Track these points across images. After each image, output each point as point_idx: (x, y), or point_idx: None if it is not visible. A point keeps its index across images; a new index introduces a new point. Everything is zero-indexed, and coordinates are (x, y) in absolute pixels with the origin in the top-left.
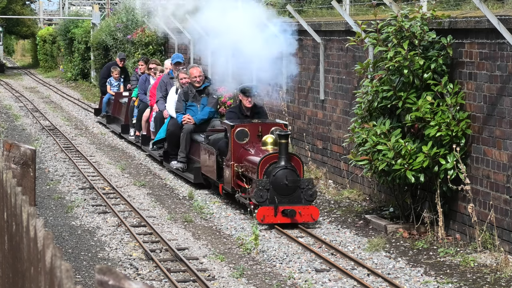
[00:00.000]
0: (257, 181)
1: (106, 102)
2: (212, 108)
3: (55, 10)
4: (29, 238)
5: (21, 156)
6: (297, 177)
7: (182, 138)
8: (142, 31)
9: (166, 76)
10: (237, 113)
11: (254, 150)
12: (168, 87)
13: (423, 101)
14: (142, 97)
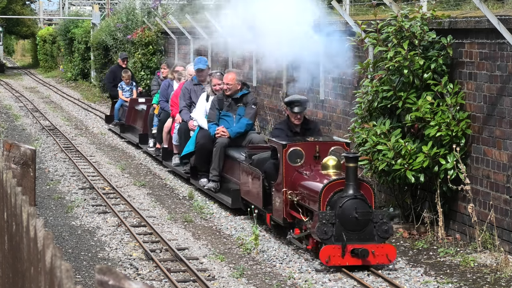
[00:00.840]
0: (320, 214)
1: (118, 109)
2: (250, 120)
3: (55, 10)
4: (29, 238)
5: (21, 156)
6: (369, 208)
7: (215, 153)
8: (142, 31)
9: (189, 83)
10: (285, 129)
11: (312, 175)
12: (192, 95)
13: (423, 101)
14: (164, 105)
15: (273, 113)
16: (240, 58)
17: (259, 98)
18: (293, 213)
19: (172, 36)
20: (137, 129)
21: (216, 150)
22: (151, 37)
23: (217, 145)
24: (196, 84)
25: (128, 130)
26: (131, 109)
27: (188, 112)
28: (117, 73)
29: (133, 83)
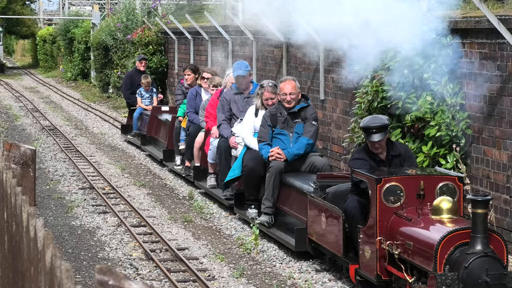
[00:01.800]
0: (438, 276)
1: (137, 118)
2: (311, 139)
3: (55, 10)
4: (29, 238)
5: (21, 156)
6: (503, 269)
7: (268, 180)
8: (142, 31)
9: (229, 92)
10: (367, 159)
11: (419, 221)
12: (232, 106)
13: (423, 101)
14: (193, 117)
15: None
16: (240, 58)
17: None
18: (392, 269)
19: (172, 36)
20: (160, 141)
21: (270, 176)
22: (151, 37)
23: (271, 170)
24: (237, 93)
25: (150, 142)
26: (153, 119)
27: (228, 126)
28: (135, 78)
29: (153, 89)
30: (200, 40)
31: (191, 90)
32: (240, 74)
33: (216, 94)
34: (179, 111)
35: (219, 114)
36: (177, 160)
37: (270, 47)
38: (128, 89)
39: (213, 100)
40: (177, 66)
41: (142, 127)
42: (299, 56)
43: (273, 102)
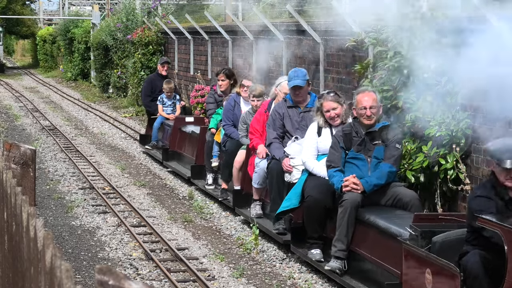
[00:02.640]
0: None
1: (158, 128)
2: (394, 166)
3: (55, 10)
4: (29, 238)
5: (21, 156)
6: None
7: (341, 217)
8: (142, 31)
9: (281, 105)
10: (493, 197)
11: None
12: (286, 122)
13: (423, 101)
14: (230, 131)
15: None
16: (240, 58)
17: None
18: None
19: (172, 36)
20: (185, 157)
21: (344, 212)
22: (151, 37)
23: (346, 204)
24: (291, 106)
25: (173, 157)
26: (176, 131)
27: (281, 146)
28: (157, 84)
29: (176, 96)
30: (200, 40)
31: (229, 99)
32: (297, 84)
33: (263, 107)
34: (212, 122)
35: (269, 131)
36: (209, 179)
37: (270, 47)
38: (148, 96)
39: (259, 113)
40: (177, 66)
41: (164, 139)
42: (299, 56)
43: (336, 113)
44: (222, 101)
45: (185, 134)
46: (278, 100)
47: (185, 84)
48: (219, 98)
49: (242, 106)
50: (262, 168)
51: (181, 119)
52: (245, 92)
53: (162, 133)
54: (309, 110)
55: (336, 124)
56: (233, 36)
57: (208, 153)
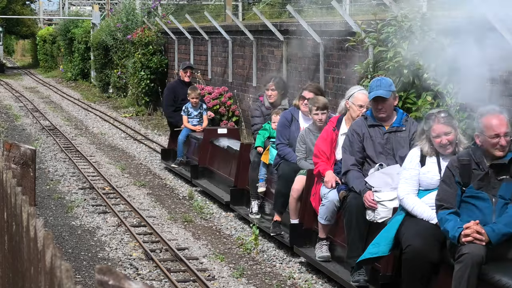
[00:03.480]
0: None
1: (183, 142)
2: None
3: (55, 10)
4: (29, 238)
5: (21, 156)
6: None
7: (460, 276)
8: (142, 31)
9: (361, 123)
10: None
11: None
12: (367, 144)
13: (423, 101)
14: (285, 151)
15: None
16: (240, 58)
17: None
18: None
19: (172, 36)
20: (220, 176)
21: (464, 269)
22: (151, 37)
23: (466, 259)
24: (373, 125)
25: (203, 175)
26: (207, 144)
27: (361, 175)
28: (179, 91)
29: (203, 105)
30: (200, 40)
31: (285, 113)
32: (380, 94)
33: (331, 124)
34: (258, 139)
35: (346, 156)
36: (254, 206)
37: (270, 47)
38: (171, 105)
39: (327, 132)
40: (177, 66)
41: (190, 153)
42: (299, 56)
43: (448, 139)
44: (270, 114)
45: (218, 149)
46: (351, 115)
47: None
48: (266, 111)
49: (301, 122)
50: (332, 201)
51: (212, 130)
52: (305, 106)
53: (188, 147)
54: (396, 130)
55: (447, 152)
56: (233, 36)
57: (253, 176)
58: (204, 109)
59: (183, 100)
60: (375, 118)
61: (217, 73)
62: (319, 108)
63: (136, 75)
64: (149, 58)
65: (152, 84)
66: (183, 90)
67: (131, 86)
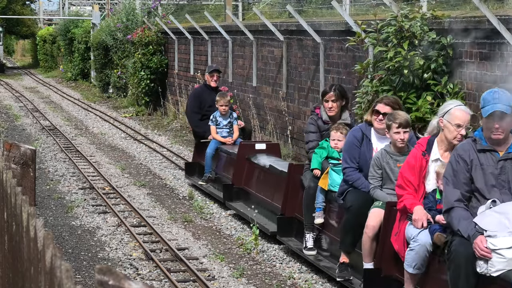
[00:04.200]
0: None
1: (212, 156)
2: None
3: (55, 10)
4: (29, 238)
5: (21, 156)
6: None
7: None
8: (142, 31)
9: (467, 147)
10: None
11: None
12: (476, 175)
13: (423, 101)
14: (354, 177)
15: (273, 113)
16: (240, 58)
17: (259, 98)
18: None
19: (172, 36)
20: (258, 199)
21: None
22: (151, 37)
23: None
24: (485, 150)
25: (238, 196)
26: (244, 161)
27: (469, 214)
28: (205, 98)
29: (233, 113)
30: (200, 40)
31: (354, 131)
32: (499, 109)
33: (419, 147)
34: (314, 160)
35: (448, 189)
36: (308, 240)
37: (270, 47)
38: (197, 113)
39: (414, 157)
40: (177, 66)
41: (220, 169)
42: (299, 56)
43: None
44: (328, 130)
45: (257, 168)
46: (445, 137)
47: (185, 84)
48: (324, 126)
49: (374, 142)
50: (423, 245)
51: (249, 146)
52: (380, 123)
53: (217, 162)
54: None
55: None
56: (233, 36)
57: (309, 204)
58: (234, 118)
59: (210, 107)
60: (487, 141)
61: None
62: (401, 125)
63: (136, 75)
64: (149, 58)
65: (152, 84)
66: (209, 96)
67: (131, 86)
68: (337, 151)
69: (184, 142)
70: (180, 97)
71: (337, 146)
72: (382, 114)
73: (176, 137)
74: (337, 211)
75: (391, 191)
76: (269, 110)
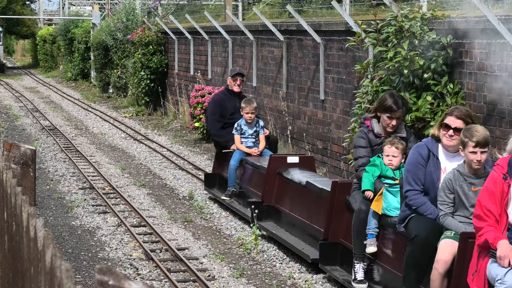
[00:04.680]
0: None
1: (236, 168)
2: None
3: (55, 10)
4: (29, 238)
5: (21, 156)
6: None
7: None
8: (142, 31)
9: None
10: None
11: None
12: None
13: (423, 101)
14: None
15: (273, 113)
16: (240, 58)
17: (259, 98)
18: None
19: (172, 36)
20: (294, 220)
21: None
22: (151, 37)
23: None
24: None
25: (269, 215)
26: (274, 176)
27: None
28: (227, 105)
29: (259, 121)
30: (200, 40)
31: (419, 147)
32: None
33: (499, 170)
34: (365, 180)
35: None
36: (358, 271)
37: (270, 47)
38: (218, 121)
39: (494, 181)
40: (177, 66)
41: (245, 183)
42: (299, 56)
43: None
44: (381, 144)
45: (291, 184)
46: None
47: (185, 84)
48: (375, 140)
49: (443, 161)
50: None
51: (280, 159)
52: (450, 139)
53: (242, 175)
54: None
55: None
56: (233, 36)
57: (359, 230)
58: (261, 127)
59: (232, 115)
60: None
61: (217, 73)
62: (478, 144)
63: (136, 75)
64: (149, 58)
65: (152, 84)
66: (232, 102)
67: (131, 86)
68: (392, 169)
69: (184, 142)
70: (180, 97)
71: (391, 163)
72: (452, 129)
73: (176, 137)
74: (393, 238)
75: (464, 219)
76: (269, 110)
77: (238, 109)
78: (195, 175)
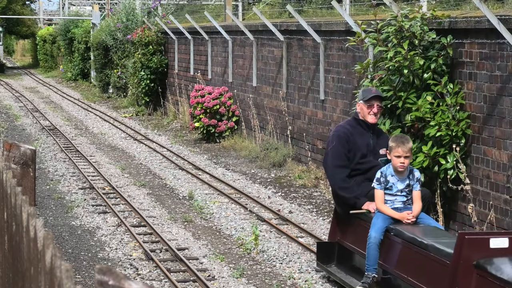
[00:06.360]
0: None
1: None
2: None
3: (55, 10)
4: (29, 238)
5: (21, 156)
6: None
7: None
8: (142, 31)
9: None
10: None
11: None
12: None
13: (423, 101)
14: None
15: (273, 113)
16: (240, 58)
17: (259, 98)
18: None
19: (172, 36)
20: None
21: None
22: (151, 37)
23: None
24: None
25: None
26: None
27: None
28: (358, 139)
29: (414, 171)
30: (200, 40)
31: None
32: None
33: None
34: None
35: None
36: None
37: (270, 47)
38: (344, 167)
39: None
40: (177, 66)
41: (392, 264)
42: (299, 56)
43: None
44: None
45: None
46: None
47: (185, 84)
48: None
49: None
50: None
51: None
52: None
53: (386, 253)
54: None
55: None
56: (233, 36)
57: None
58: (416, 180)
59: (363, 158)
60: None
61: (217, 73)
62: None
63: (136, 75)
64: (149, 58)
65: (152, 84)
66: (364, 139)
67: (131, 86)
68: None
69: (184, 142)
70: (180, 97)
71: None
72: None
73: (176, 137)
74: None
75: None
76: (269, 110)
77: (372, 149)
78: (195, 175)
